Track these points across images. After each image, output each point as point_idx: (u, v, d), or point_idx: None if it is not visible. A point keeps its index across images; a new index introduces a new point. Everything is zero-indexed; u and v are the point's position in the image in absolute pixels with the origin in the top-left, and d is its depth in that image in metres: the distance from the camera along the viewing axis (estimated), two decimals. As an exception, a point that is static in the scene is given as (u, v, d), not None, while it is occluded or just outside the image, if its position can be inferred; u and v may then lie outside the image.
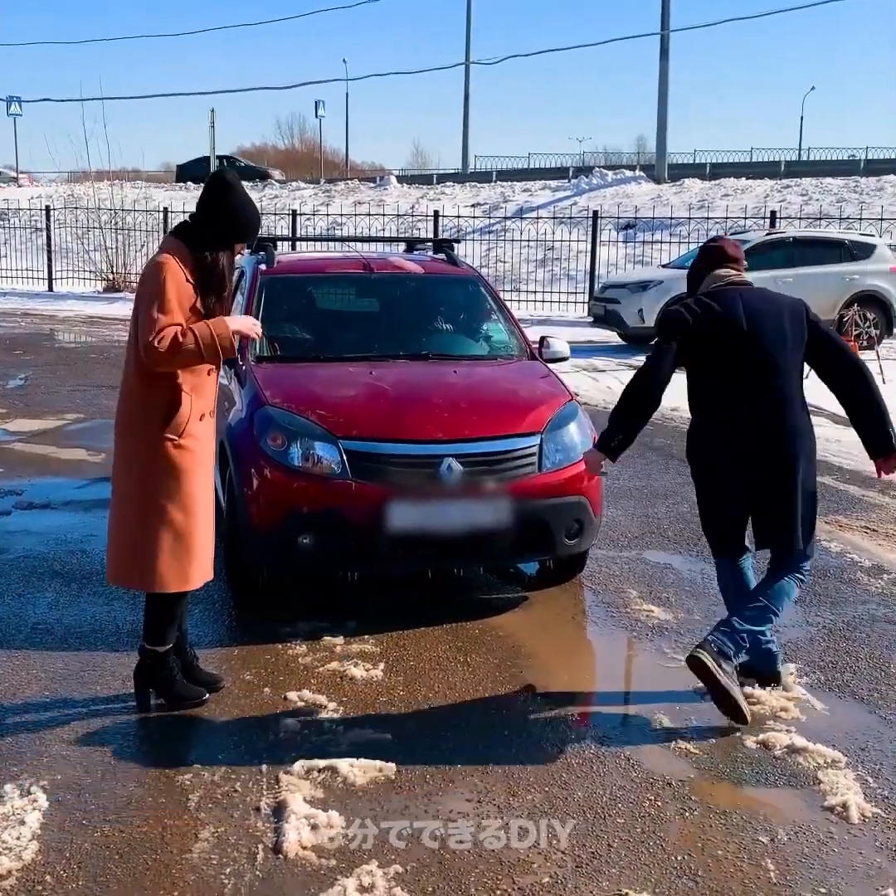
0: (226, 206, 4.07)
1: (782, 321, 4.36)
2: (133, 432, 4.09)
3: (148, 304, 3.92)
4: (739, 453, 4.32)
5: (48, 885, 3.14)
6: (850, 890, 3.18)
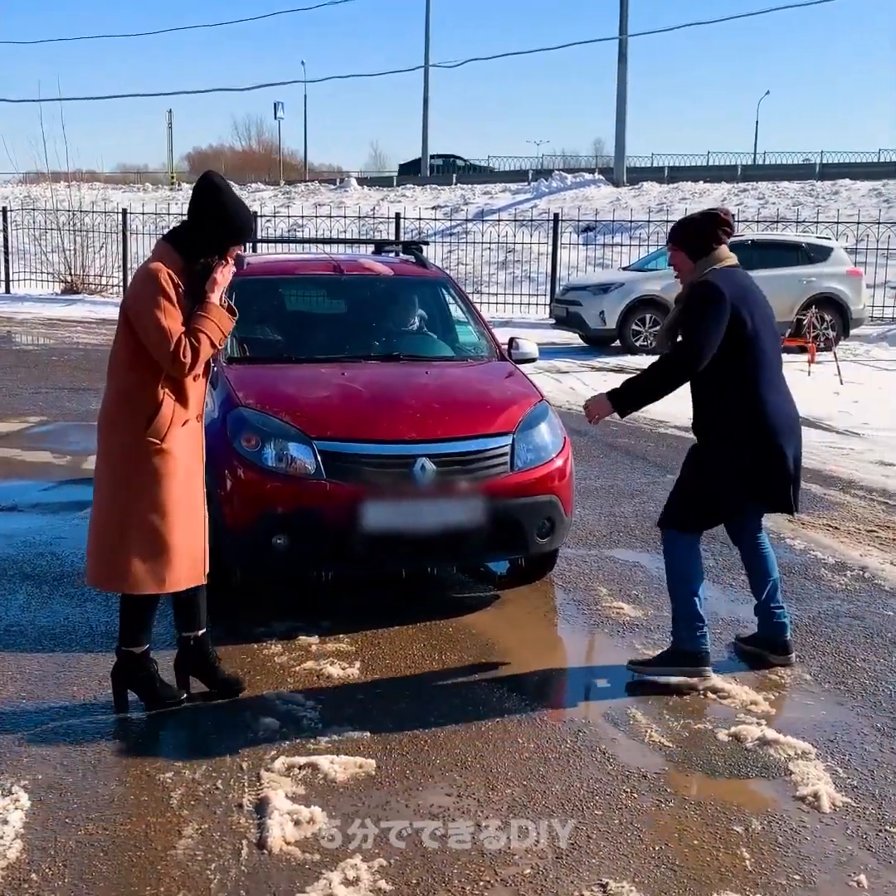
0: (216, 208, 4.03)
1: None
2: (115, 435, 4.11)
3: (152, 313, 3.90)
4: (783, 429, 4.51)
5: (34, 883, 3.15)
6: (823, 877, 3.26)
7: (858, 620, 5.40)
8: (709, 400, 4.56)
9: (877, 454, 9.33)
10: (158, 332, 3.91)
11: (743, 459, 4.49)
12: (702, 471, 4.59)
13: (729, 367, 4.46)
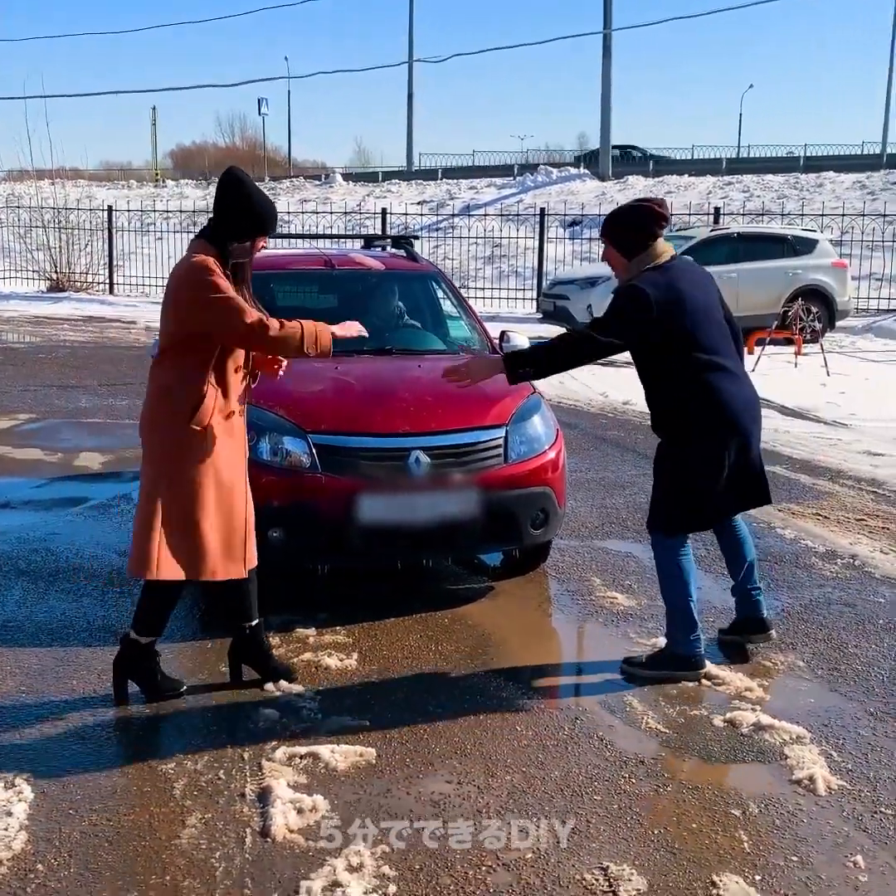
0: (241, 201, 4.08)
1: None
2: (155, 431, 4.16)
3: (216, 292, 3.95)
4: (743, 415, 4.50)
5: (40, 874, 3.17)
6: (820, 858, 3.31)
7: (850, 608, 5.46)
8: (663, 399, 4.54)
9: (864, 444, 9.40)
10: (227, 307, 3.96)
11: (717, 452, 4.45)
12: (683, 469, 4.53)
13: (672, 364, 4.44)
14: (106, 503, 7.34)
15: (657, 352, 4.45)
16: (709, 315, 4.52)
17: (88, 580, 5.73)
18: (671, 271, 4.45)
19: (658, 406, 4.57)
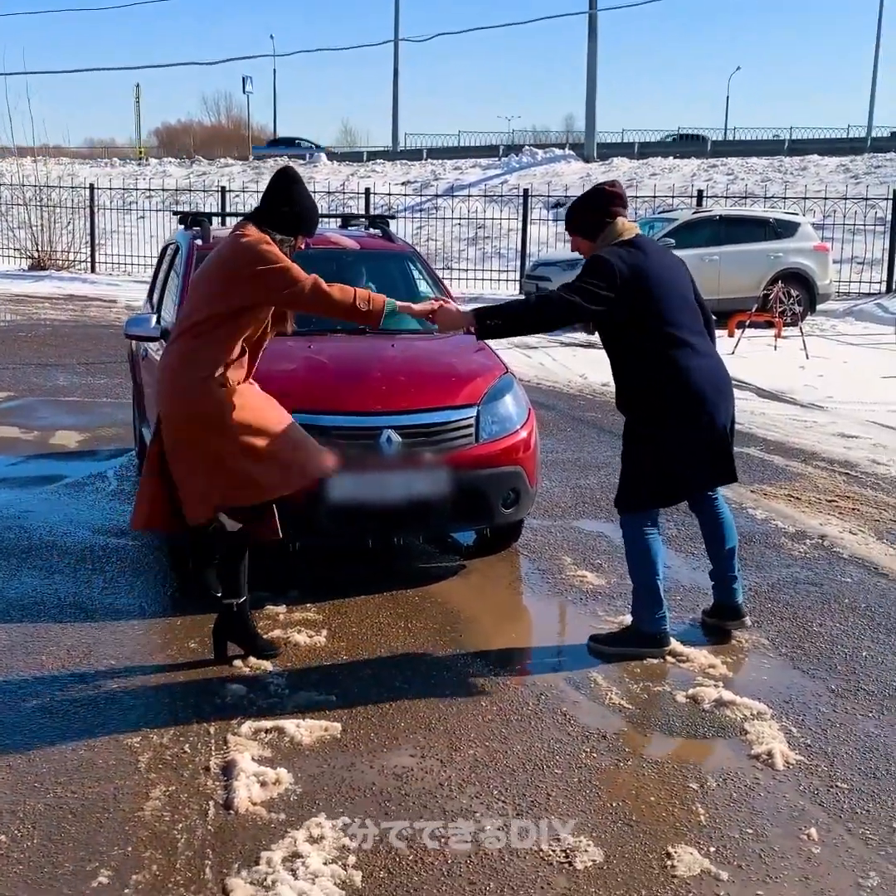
0: (292, 201, 4.35)
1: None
2: (182, 392, 4.26)
3: (274, 261, 4.15)
4: (709, 392, 4.49)
5: (3, 844, 3.20)
6: (775, 830, 3.36)
7: (816, 587, 5.51)
8: (629, 378, 4.55)
9: (839, 427, 9.46)
10: (290, 271, 4.16)
11: (680, 431, 4.47)
12: (651, 448, 4.54)
13: (637, 340, 4.46)
14: (81, 481, 7.34)
15: (623, 326, 4.46)
16: (675, 290, 4.53)
17: (61, 557, 5.74)
18: (636, 246, 4.50)
19: (624, 384, 4.59)
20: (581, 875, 3.10)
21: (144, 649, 4.65)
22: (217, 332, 4.24)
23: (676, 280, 4.58)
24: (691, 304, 4.63)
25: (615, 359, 4.59)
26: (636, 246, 4.49)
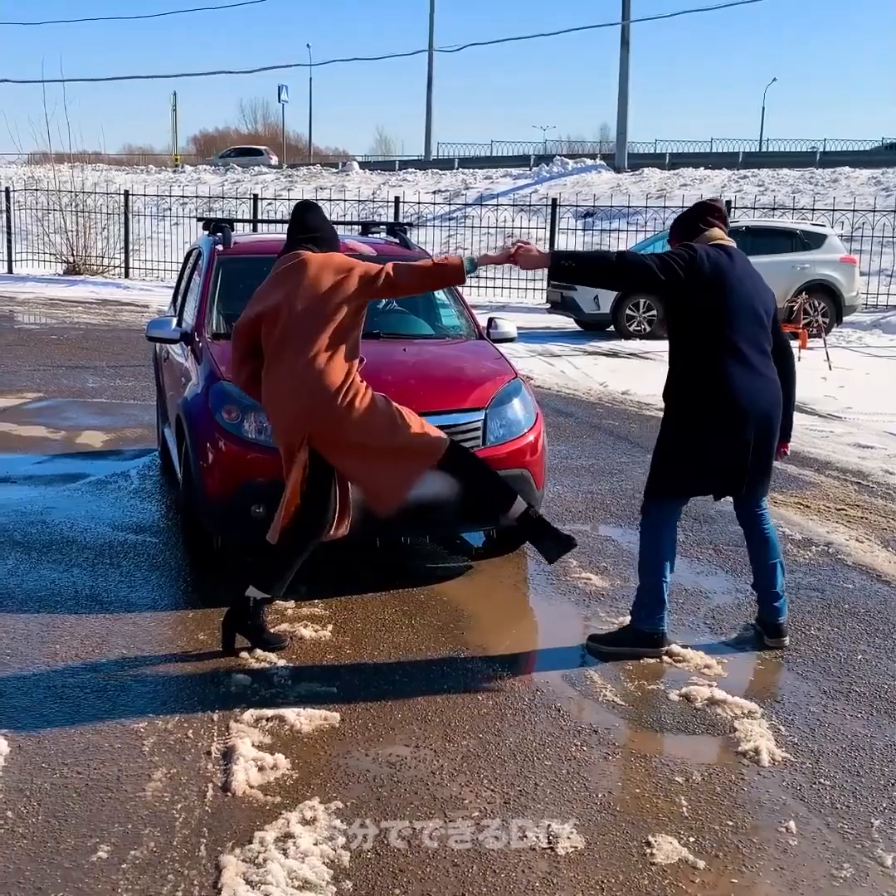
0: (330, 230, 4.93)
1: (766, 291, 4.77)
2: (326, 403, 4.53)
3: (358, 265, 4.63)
4: (744, 407, 4.56)
5: (9, 820, 3.35)
6: (755, 823, 3.46)
7: (818, 592, 5.58)
8: (678, 370, 4.66)
9: (855, 437, 9.50)
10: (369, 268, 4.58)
11: (703, 432, 4.55)
12: (669, 438, 4.67)
13: (696, 339, 4.56)
14: (104, 479, 7.52)
15: (687, 323, 4.58)
16: (748, 303, 4.60)
17: (80, 552, 5.91)
18: (725, 250, 4.63)
19: (673, 376, 4.71)
20: (562, 860, 3.21)
21: (155, 640, 4.80)
22: (341, 344, 4.56)
23: (754, 295, 4.63)
24: (762, 322, 4.65)
25: (672, 350, 4.71)
26: (725, 251, 4.64)
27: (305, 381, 4.51)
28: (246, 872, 3.09)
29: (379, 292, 4.75)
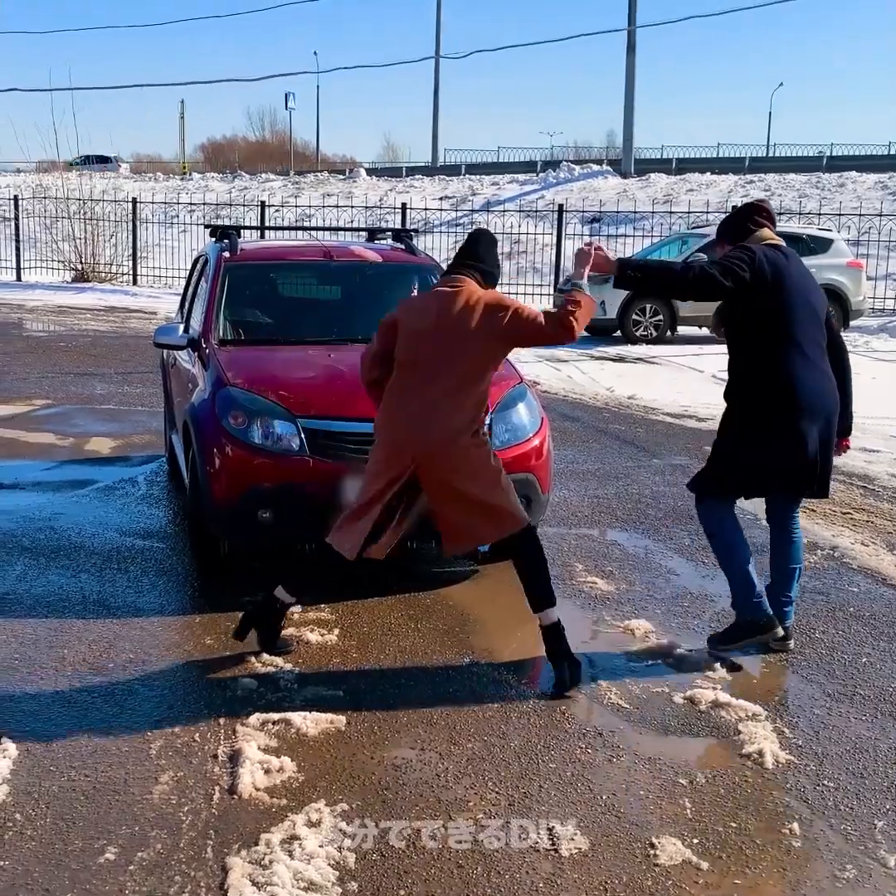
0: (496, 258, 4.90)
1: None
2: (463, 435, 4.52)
3: (523, 309, 4.56)
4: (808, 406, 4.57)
5: (18, 822, 3.38)
6: (758, 824, 3.47)
7: (823, 596, 5.60)
8: (738, 369, 4.69)
9: (861, 441, 9.47)
10: (533, 316, 4.52)
11: (766, 434, 4.56)
12: (730, 439, 4.69)
13: (757, 339, 4.59)
14: (111, 486, 7.56)
15: (746, 324, 4.61)
16: (806, 301, 4.62)
17: (88, 557, 5.94)
18: (780, 250, 4.66)
19: (734, 376, 4.73)
20: (566, 861, 3.23)
21: (162, 645, 4.83)
22: (481, 383, 4.56)
23: (810, 293, 4.66)
24: (818, 320, 4.69)
25: (732, 352, 4.74)
26: (780, 250, 4.66)
27: (431, 413, 4.48)
28: (252, 874, 3.12)
29: (525, 341, 4.68)
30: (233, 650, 4.72)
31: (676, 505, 7.18)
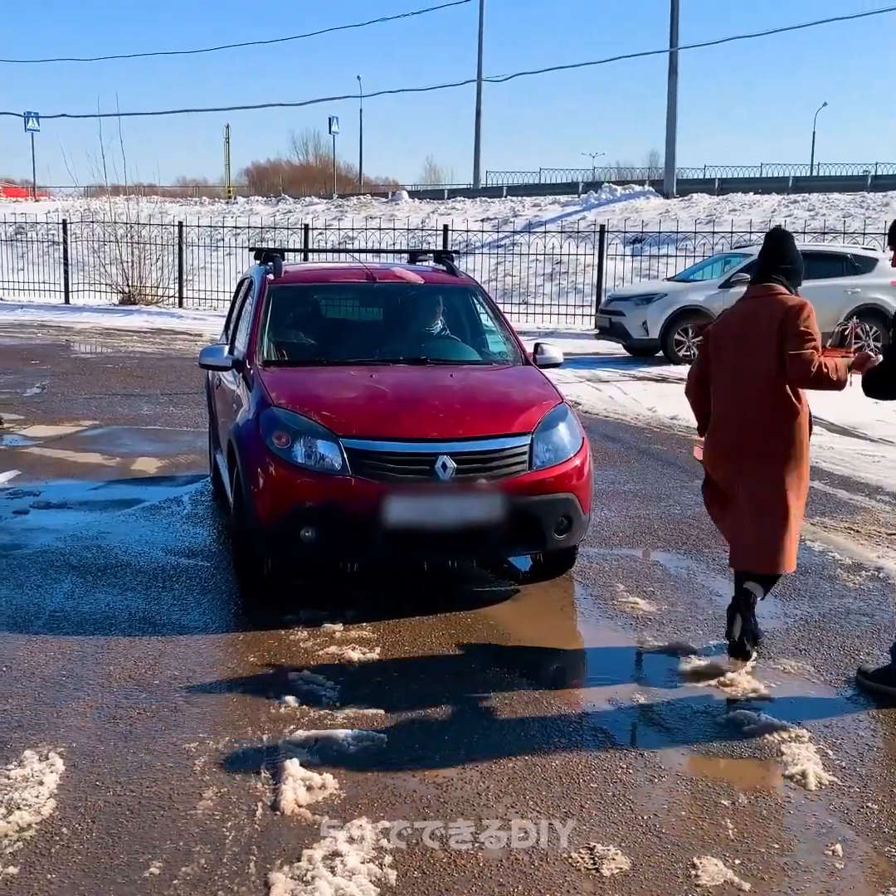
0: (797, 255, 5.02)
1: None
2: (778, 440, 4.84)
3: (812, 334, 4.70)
4: None
5: (65, 836, 3.43)
6: (801, 846, 3.45)
7: (867, 617, 5.55)
8: None
9: (908, 461, 9.41)
10: (811, 348, 4.69)
11: None
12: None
13: None
14: (158, 505, 7.65)
15: None
16: None
17: (134, 575, 6.02)
18: None
19: None
20: (607, 881, 3.23)
21: (206, 662, 4.88)
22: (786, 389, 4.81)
23: None
24: None
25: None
26: None
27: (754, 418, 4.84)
28: (294, 889, 3.14)
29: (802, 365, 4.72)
30: (275, 668, 4.77)
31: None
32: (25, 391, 13.00)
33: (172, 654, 4.92)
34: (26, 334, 20.04)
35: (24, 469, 8.70)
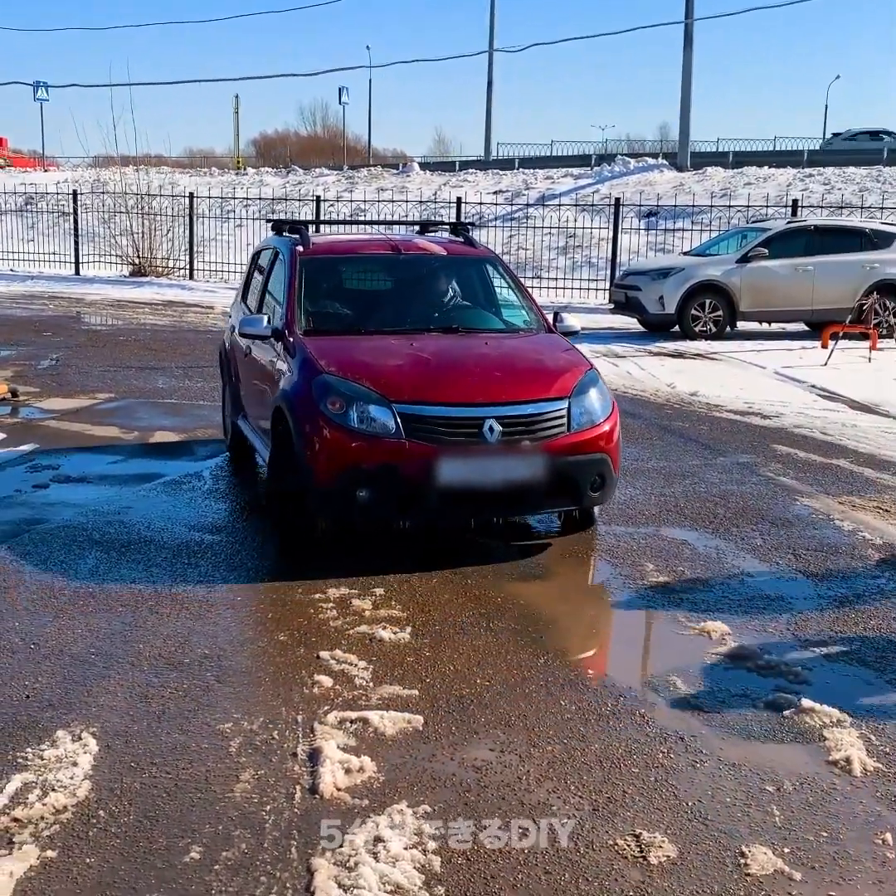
0: None
1: None
2: None
3: None
4: None
5: (101, 819, 3.38)
6: (850, 834, 3.39)
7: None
8: None
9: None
10: None
11: None
12: None
13: None
14: (178, 480, 7.59)
15: None
16: None
17: (158, 552, 5.96)
18: None
19: None
20: (655, 869, 3.17)
21: (236, 640, 4.83)
22: None
23: None
24: None
25: None
26: None
27: None
28: (338, 876, 3.09)
29: None
30: (306, 647, 4.71)
31: (746, 504, 7.08)
32: (39, 363, 12.94)
33: (202, 633, 4.87)
34: (38, 305, 19.97)
35: (42, 442, 8.65)
